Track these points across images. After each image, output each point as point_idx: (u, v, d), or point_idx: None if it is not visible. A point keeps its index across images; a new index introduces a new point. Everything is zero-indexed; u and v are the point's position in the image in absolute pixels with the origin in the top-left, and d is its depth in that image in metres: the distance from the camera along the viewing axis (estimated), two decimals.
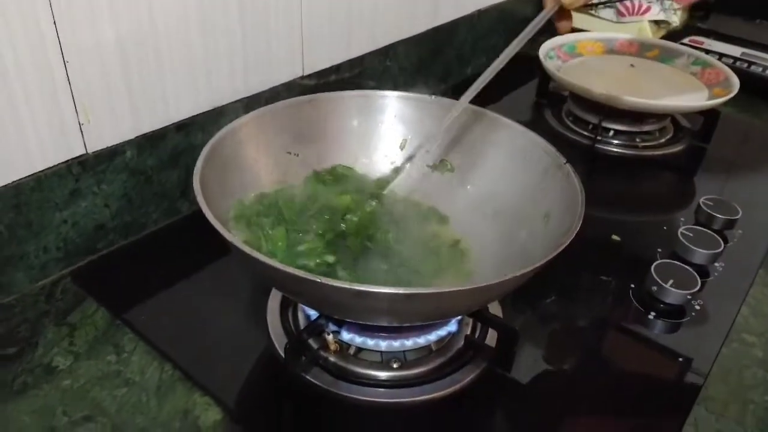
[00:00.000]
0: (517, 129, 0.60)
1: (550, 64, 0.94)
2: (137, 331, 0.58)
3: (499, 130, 0.62)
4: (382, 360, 0.54)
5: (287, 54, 0.77)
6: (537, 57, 0.96)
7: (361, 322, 0.51)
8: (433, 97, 0.65)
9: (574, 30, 1.17)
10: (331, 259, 0.53)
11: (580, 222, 0.47)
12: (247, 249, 0.42)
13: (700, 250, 0.67)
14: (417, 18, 0.95)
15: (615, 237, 0.72)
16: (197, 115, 0.70)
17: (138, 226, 0.69)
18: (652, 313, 0.62)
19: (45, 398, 0.52)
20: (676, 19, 1.21)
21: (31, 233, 0.60)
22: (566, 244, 0.44)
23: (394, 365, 0.53)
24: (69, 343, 0.57)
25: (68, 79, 0.58)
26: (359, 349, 0.54)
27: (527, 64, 1.10)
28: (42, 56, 0.55)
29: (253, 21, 0.71)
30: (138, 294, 0.62)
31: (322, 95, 0.65)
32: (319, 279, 0.40)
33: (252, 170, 0.58)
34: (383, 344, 0.53)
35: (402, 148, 0.66)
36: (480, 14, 1.10)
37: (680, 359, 0.58)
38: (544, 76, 0.99)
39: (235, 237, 0.43)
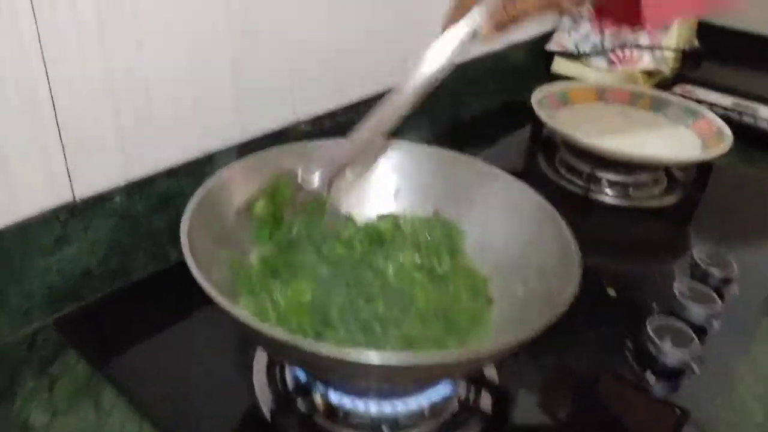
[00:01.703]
0: (509, 181, 0.60)
1: (542, 112, 0.94)
2: (118, 385, 0.56)
3: (492, 181, 0.61)
4: (372, 424, 0.52)
5: (280, 100, 0.77)
6: (529, 104, 0.96)
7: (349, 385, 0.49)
8: (427, 146, 0.64)
9: (565, 78, 1.18)
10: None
11: (573, 295, 0.46)
12: (234, 309, 0.41)
13: (697, 307, 0.66)
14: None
15: (610, 291, 0.71)
16: (189, 160, 0.69)
17: (125, 272, 0.68)
18: (649, 371, 0.61)
19: None
20: (667, 69, 1.23)
21: (15, 280, 0.58)
22: (553, 321, 0.43)
23: (385, 430, 0.52)
24: (47, 398, 0.55)
25: (57, 125, 0.57)
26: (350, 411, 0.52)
27: (521, 110, 1.11)
28: (31, 103, 0.54)
29: (246, 67, 0.71)
30: (121, 345, 0.60)
31: (312, 143, 0.64)
32: (305, 345, 0.38)
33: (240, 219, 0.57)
34: (373, 408, 0.51)
35: (395, 197, 0.65)
36: (473, 61, 1.10)
37: (677, 420, 0.56)
38: (537, 124, 0.99)
39: (224, 299, 0.41)
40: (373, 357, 0.38)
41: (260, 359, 0.57)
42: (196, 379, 0.57)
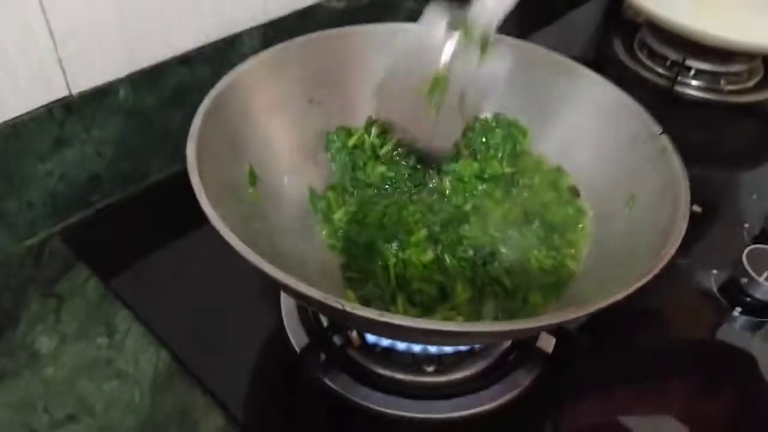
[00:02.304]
0: (596, 82, 0.48)
1: None
2: (132, 307, 0.50)
3: (573, 81, 0.49)
4: (414, 362, 0.45)
5: None
6: None
7: None
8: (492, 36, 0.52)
9: None
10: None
11: (677, 244, 0.36)
12: (253, 258, 0.33)
13: None
14: None
15: (696, 208, 0.60)
16: (205, 46, 0.58)
17: (138, 175, 0.60)
18: (738, 309, 0.52)
19: (25, 389, 0.45)
20: None
21: (11, 187, 0.52)
22: (644, 281, 0.34)
23: (428, 369, 0.45)
24: (55, 320, 0.49)
25: (42, 6, 0.47)
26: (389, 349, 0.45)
27: None
28: None
29: None
30: (135, 259, 0.54)
31: (353, 29, 0.52)
32: (340, 305, 0.30)
33: (262, 127, 0.47)
34: (417, 347, 0.44)
35: None
36: None
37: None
38: None
39: (238, 240, 0.33)
40: (431, 324, 0.31)
41: None
42: (219, 302, 0.50)
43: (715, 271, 0.55)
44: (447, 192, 0.49)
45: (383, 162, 0.50)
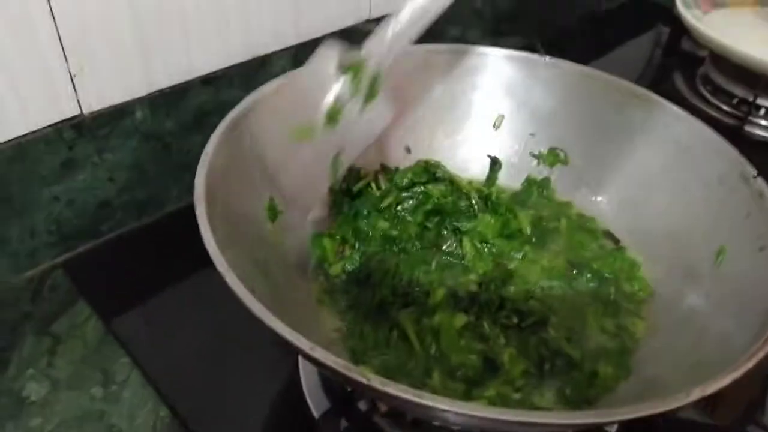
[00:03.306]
0: (676, 115, 0.42)
1: (688, 15, 0.73)
2: (133, 354, 0.44)
3: (647, 113, 0.43)
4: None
5: None
6: (670, 5, 0.75)
7: None
8: (547, 58, 0.46)
9: None
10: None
11: None
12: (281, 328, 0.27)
13: None
14: None
15: None
16: (231, 66, 0.54)
17: (153, 204, 0.55)
18: None
19: None
20: None
21: (13, 212, 0.47)
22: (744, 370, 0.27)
23: None
24: (48, 363, 0.44)
25: (52, 15, 0.43)
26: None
27: (646, 10, 0.89)
28: None
29: None
30: (141, 298, 0.49)
31: None
32: (368, 381, 0.24)
33: (287, 155, 0.41)
34: None
35: (496, 127, 0.48)
36: None
37: None
38: (678, 30, 0.77)
39: (257, 302, 0.28)
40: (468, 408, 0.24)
41: None
42: (230, 353, 0.44)
43: None
44: (468, 257, 0.43)
45: (385, 218, 0.44)
